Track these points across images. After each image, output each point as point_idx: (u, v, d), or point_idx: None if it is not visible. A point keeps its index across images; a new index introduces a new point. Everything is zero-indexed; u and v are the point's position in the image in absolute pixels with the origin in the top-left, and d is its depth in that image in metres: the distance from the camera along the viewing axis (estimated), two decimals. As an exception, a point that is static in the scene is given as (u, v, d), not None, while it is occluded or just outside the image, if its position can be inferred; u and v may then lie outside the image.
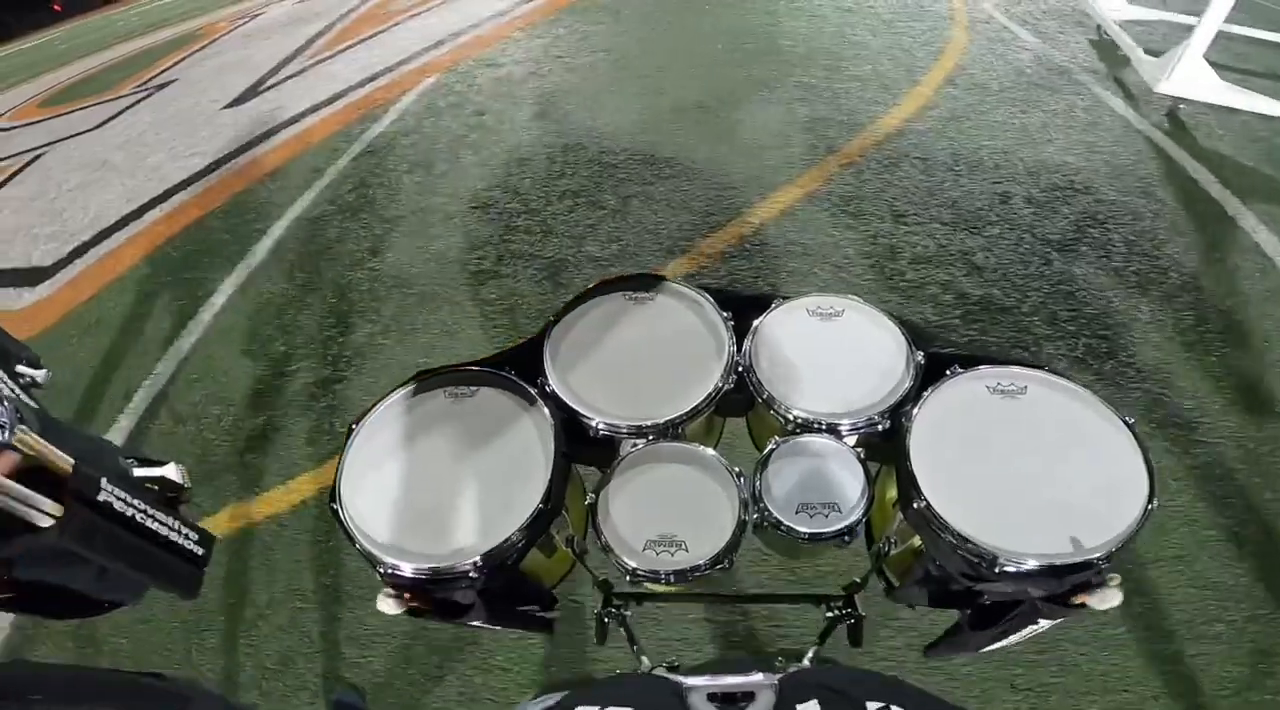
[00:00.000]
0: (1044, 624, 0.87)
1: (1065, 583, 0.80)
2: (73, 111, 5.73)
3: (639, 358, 1.01)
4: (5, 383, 0.69)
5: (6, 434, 0.58)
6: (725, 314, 1.02)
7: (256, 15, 7.52)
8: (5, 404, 0.61)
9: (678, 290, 1.07)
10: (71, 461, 0.63)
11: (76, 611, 0.76)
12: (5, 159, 4.99)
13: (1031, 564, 0.78)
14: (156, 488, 0.76)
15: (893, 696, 0.51)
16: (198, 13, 8.39)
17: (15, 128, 5.79)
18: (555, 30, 5.14)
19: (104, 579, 0.74)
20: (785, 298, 1.04)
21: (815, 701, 0.50)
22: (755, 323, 1.02)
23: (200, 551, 0.74)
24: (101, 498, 0.66)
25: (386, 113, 4.39)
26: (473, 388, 0.98)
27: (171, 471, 0.78)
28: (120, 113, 5.40)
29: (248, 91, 5.24)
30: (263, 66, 5.70)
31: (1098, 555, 0.77)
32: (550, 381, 0.97)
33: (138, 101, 5.56)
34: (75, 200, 4.22)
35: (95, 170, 4.55)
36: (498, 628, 0.94)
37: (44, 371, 0.84)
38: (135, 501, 0.69)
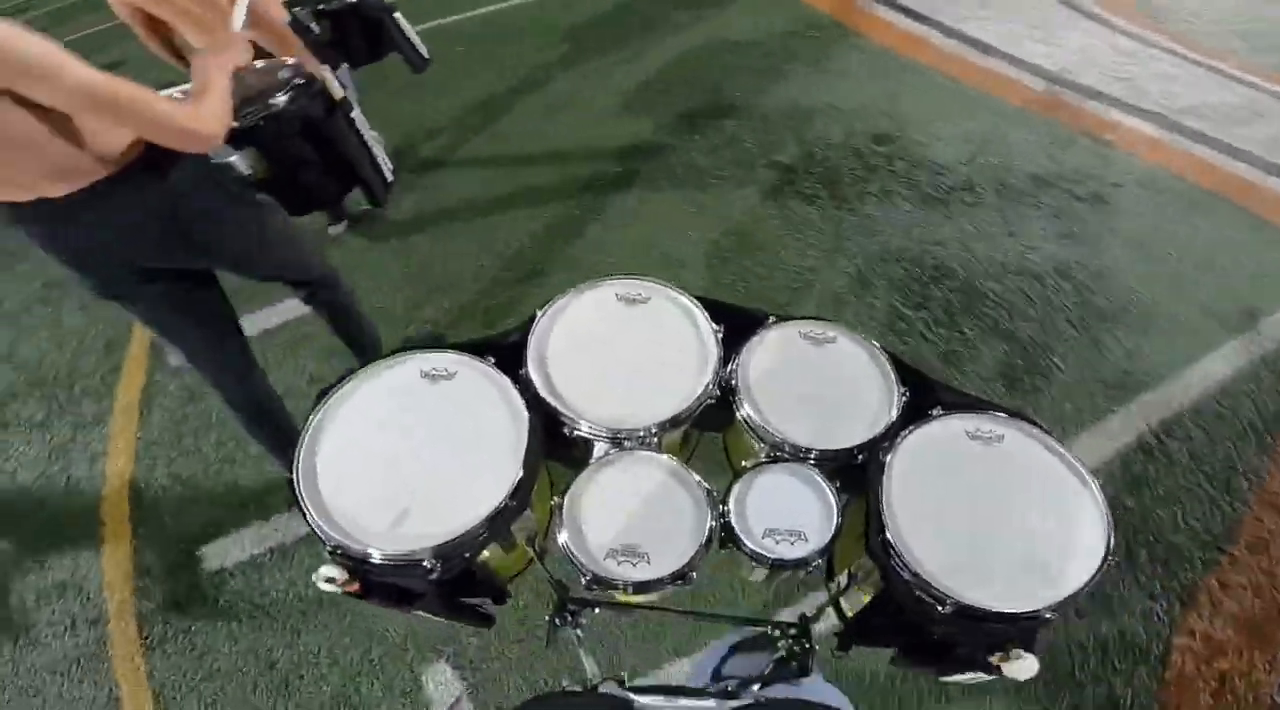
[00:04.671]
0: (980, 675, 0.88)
1: (1008, 631, 0.81)
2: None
3: (623, 361, 0.99)
4: None
5: None
6: (716, 326, 1.00)
7: None
8: None
9: (671, 296, 1.05)
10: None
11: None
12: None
13: (980, 610, 0.78)
14: None
15: None
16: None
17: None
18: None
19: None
20: (779, 318, 1.03)
21: None
22: (746, 339, 1.01)
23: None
24: None
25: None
26: (451, 370, 0.96)
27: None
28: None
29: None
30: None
31: (1046, 608, 0.78)
32: (530, 376, 0.95)
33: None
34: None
35: None
36: (438, 619, 0.92)
37: None
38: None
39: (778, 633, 0.89)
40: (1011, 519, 0.86)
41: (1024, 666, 0.79)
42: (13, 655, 2.11)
